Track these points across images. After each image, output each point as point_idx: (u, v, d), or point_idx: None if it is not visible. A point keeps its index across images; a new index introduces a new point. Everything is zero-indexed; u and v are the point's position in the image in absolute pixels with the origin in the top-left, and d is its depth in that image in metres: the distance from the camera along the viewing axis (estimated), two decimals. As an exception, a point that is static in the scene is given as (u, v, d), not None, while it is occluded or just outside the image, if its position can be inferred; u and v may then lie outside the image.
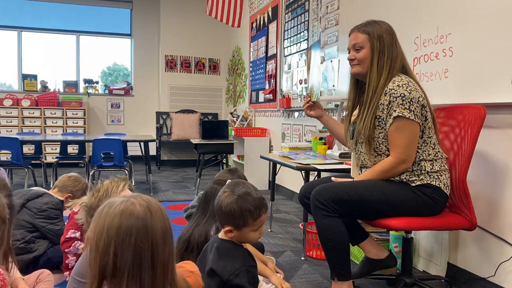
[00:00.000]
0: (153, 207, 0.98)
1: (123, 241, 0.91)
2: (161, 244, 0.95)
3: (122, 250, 0.91)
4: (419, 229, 1.94)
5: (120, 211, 0.93)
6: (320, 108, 2.23)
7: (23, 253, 2.14)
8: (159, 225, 0.96)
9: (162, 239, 0.96)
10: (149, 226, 0.94)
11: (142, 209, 0.95)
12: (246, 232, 1.47)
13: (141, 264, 0.92)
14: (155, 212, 0.97)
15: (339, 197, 1.73)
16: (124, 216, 0.93)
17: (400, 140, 1.74)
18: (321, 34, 3.67)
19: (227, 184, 1.52)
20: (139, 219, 0.93)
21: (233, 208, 1.44)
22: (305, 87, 4.11)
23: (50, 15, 7.27)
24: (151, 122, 7.36)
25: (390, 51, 1.81)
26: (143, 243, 0.92)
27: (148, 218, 0.94)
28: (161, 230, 0.96)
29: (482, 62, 1.96)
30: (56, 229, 2.24)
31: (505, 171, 1.98)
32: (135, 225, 0.92)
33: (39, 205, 2.23)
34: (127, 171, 4.44)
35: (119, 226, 0.92)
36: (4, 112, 6.60)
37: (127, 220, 0.92)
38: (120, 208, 0.94)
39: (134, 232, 0.92)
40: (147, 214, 0.95)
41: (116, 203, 0.96)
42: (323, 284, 2.24)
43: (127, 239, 0.91)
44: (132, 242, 0.91)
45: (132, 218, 0.93)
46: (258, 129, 5.35)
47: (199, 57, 7.54)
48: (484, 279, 2.08)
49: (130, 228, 0.92)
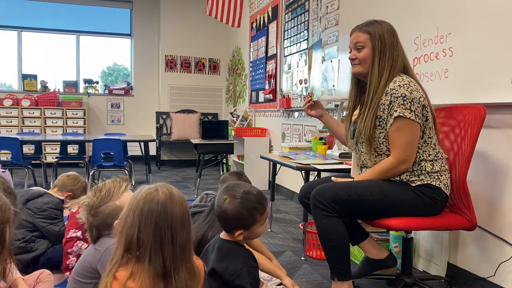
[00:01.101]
0: (175, 196, 1.15)
1: (146, 220, 1.10)
2: (179, 228, 1.12)
3: (145, 228, 1.09)
4: (419, 229, 1.94)
5: (145, 196, 1.13)
6: (321, 107, 2.23)
7: (23, 252, 2.13)
8: (178, 211, 1.13)
9: (180, 223, 1.12)
10: (169, 211, 1.11)
11: (163, 196, 1.13)
12: (255, 229, 1.49)
13: (162, 242, 1.09)
14: (175, 200, 1.14)
15: (339, 197, 1.73)
16: (147, 200, 1.12)
17: (400, 140, 1.74)
18: (321, 34, 3.67)
19: (224, 191, 1.50)
20: (159, 204, 1.11)
21: (240, 211, 1.44)
22: (305, 87, 4.11)
23: (50, 15, 7.27)
24: (151, 122, 7.36)
25: (391, 51, 1.81)
26: (163, 224, 1.10)
27: (168, 204, 1.12)
28: (180, 215, 1.13)
29: (482, 62, 1.96)
30: (55, 230, 2.24)
31: (505, 171, 1.98)
32: (156, 208, 1.11)
33: (40, 205, 2.23)
34: (127, 171, 4.44)
35: (142, 208, 1.11)
36: (4, 112, 6.60)
37: (149, 204, 1.11)
38: (145, 193, 1.13)
39: (154, 214, 1.10)
40: (167, 201, 1.12)
41: (144, 189, 1.15)
42: (323, 284, 2.24)
43: (149, 219, 1.10)
44: (152, 222, 1.09)
45: (153, 203, 1.11)
46: (258, 129, 5.35)
47: (199, 57, 7.54)
48: (484, 279, 2.08)
49: (152, 210, 1.10)
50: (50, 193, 2.35)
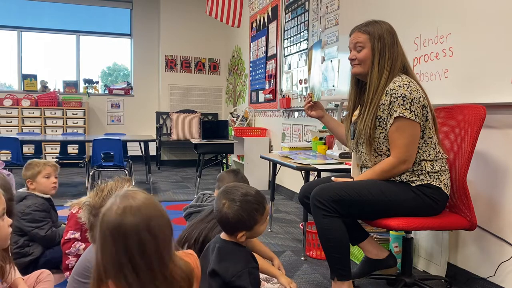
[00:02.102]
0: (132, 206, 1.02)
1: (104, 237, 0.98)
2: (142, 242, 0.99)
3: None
4: (419, 229, 1.94)
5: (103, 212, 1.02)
6: (321, 108, 2.23)
7: (19, 257, 2.11)
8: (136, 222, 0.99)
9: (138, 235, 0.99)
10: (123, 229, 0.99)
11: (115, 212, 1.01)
12: (256, 229, 1.50)
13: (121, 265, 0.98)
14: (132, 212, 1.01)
15: (339, 197, 1.73)
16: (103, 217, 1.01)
17: (400, 140, 1.74)
18: (321, 34, 3.67)
19: (222, 195, 1.50)
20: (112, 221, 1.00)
21: (241, 214, 1.44)
22: (305, 87, 4.12)
23: (50, 15, 7.27)
24: (151, 122, 7.36)
25: (391, 51, 1.81)
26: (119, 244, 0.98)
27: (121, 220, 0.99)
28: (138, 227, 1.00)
29: (482, 62, 1.96)
30: (41, 235, 2.19)
31: (505, 171, 1.98)
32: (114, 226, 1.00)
33: (23, 208, 2.18)
34: (127, 171, 4.44)
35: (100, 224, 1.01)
36: (4, 112, 6.60)
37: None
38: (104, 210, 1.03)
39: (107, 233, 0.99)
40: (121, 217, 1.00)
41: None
42: (323, 284, 2.24)
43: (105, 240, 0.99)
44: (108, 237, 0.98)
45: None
46: (258, 129, 5.35)
47: (199, 57, 7.54)
48: (484, 279, 2.08)
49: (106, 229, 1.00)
50: (34, 194, 2.29)
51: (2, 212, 1.24)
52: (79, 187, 4.92)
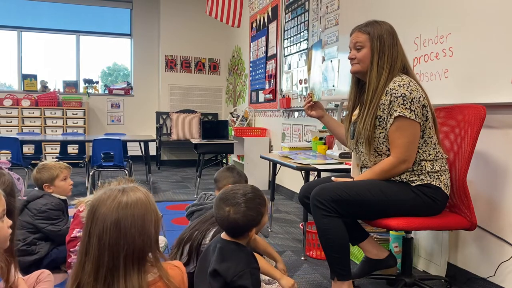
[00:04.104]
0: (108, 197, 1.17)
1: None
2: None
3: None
4: (419, 229, 1.94)
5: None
6: (321, 108, 2.23)
7: (24, 255, 2.14)
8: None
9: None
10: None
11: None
12: (263, 220, 1.54)
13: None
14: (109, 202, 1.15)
15: (339, 197, 1.73)
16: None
17: (400, 140, 1.74)
18: (321, 34, 3.67)
19: (222, 203, 1.49)
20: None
21: (249, 214, 1.47)
22: (305, 87, 4.12)
23: (50, 15, 7.27)
24: (151, 122, 7.36)
25: (390, 51, 1.81)
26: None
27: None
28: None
29: (482, 62, 1.96)
30: (56, 230, 2.25)
31: (505, 171, 1.98)
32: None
33: (39, 206, 2.25)
34: (127, 171, 4.44)
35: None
36: (4, 112, 6.60)
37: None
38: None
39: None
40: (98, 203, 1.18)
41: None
42: (323, 284, 2.24)
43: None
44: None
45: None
46: (258, 129, 5.35)
47: (199, 57, 7.54)
48: (484, 279, 2.08)
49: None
50: (50, 194, 2.35)
51: (2, 214, 1.24)
52: (79, 187, 4.92)
